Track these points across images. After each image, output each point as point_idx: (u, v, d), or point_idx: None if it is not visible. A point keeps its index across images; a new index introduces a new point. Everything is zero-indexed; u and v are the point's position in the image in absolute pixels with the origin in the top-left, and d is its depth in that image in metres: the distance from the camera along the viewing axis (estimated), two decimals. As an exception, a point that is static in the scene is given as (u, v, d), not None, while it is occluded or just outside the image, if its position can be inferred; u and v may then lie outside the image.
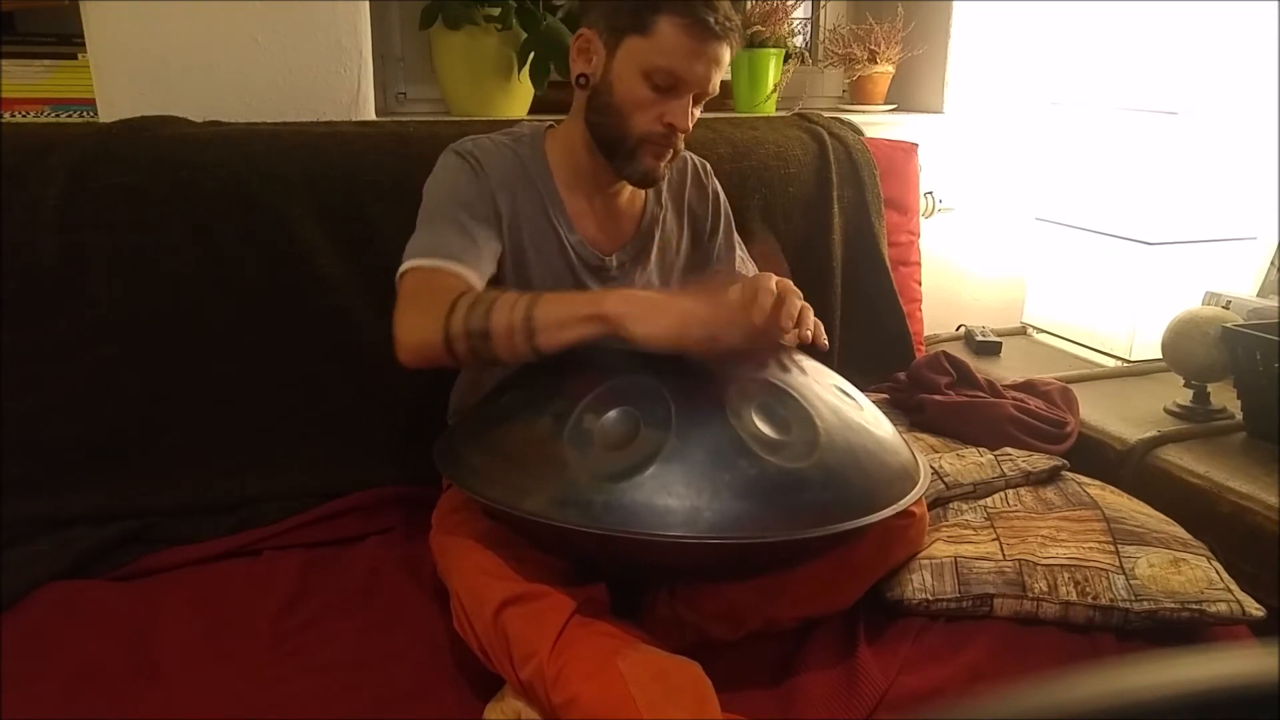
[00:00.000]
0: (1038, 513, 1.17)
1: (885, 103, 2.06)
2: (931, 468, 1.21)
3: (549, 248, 1.17)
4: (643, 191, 1.24)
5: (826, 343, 1.01)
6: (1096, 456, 1.46)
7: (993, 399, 1.46)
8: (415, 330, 1.00)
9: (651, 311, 0.90)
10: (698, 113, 1.12)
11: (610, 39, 1.08)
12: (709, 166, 1.34)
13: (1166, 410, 1.57)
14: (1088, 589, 1.02)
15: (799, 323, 0.94)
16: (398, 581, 1.15)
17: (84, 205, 1.22)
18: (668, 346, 0.89)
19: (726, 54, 1.08)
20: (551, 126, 1.22)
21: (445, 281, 1.03)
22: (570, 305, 0.94)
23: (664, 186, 1.26)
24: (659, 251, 1.26)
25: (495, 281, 1.12)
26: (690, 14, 1.03)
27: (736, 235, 1.37)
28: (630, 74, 1.07)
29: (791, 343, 0.97)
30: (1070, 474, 1.28)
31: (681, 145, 1.13)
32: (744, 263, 1.35)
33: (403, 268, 1.06)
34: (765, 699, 0.95)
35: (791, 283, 0.98)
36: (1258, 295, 1.92)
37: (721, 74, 1.09)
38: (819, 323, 0.99)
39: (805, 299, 1.25)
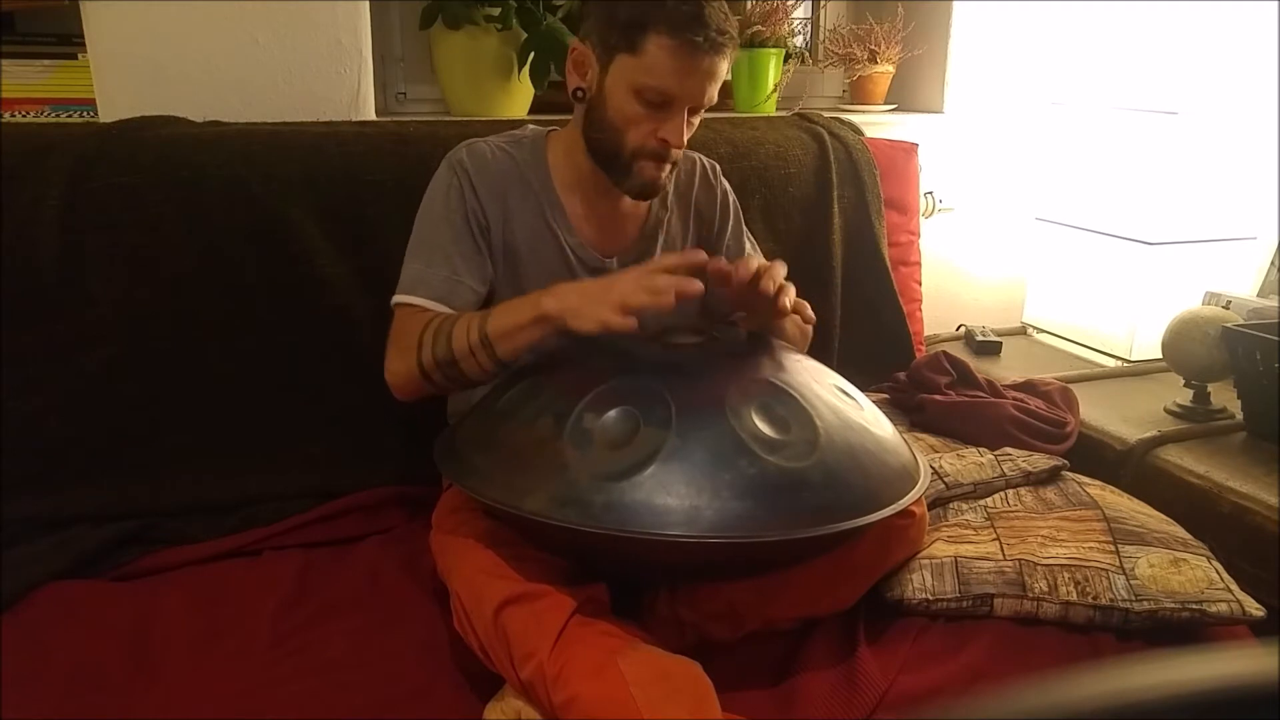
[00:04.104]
0: (1038, 513, 1.17)
1: (885, 103, 2.06)
2: (931, 468, 1.21)
3: (546, 250, 1.18)
4: None
5: (812, 315, 1.08)
6: (1096, 456, 1.46)
7: (993, 399, 1.46)
8: (397, 372, 1.09)
9: (582, 302, 0.96)
10: (696, 122, 1.12)
11: (603, 55, 1.07)
12: (718, 167, 1.34)
13: (1166, 410, 1.57)
14: (1088, 589, 1.02)
15: (779, 293, 0.99)
16: (398, 581, 1.15)
17: (84, 205, 1.22)
18: (603, 332, 0.95)
19: (722, 65, 1.07)
20: (554, 130, 1.22)
21: (420, 320, 1.09)
22: (516, 313, 1.01)
23: (669, 188, 1.26)
24: (663, 254, 1.26)
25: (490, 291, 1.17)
26: (678, 34, 1.02)
27: (748, 233, 1.37)
28: (622, 91, 1.06)
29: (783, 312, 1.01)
30: (1070, 474, 1.28)
31: (679, 156, 1.13)
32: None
33: (393, 299, 1.13)
34: (765, 699, 0.95)
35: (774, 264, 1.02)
36: (1258, 295, 1.92)
37: (719, 84, 1.09)
38: (801, 301, 1.05)
39: (805, 299, 1.27)
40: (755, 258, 1.02)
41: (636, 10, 1.03)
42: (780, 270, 1.00)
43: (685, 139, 1.10)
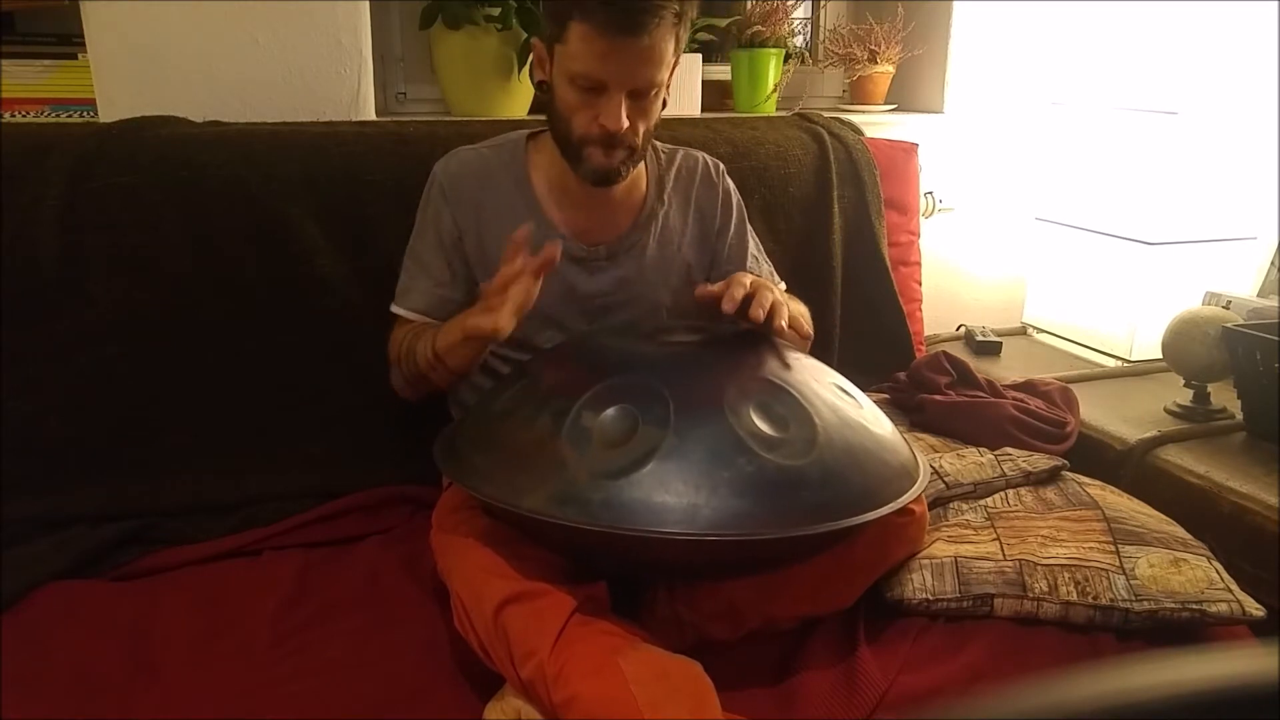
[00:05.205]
0: (1038, 513, 1.17)
1: (885, 103, 2.06)
2: (931, 467, 1.21)
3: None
4: (642, 186, 1.26)
5: (809, 331, 1.19)
6: (1096, 456, 1.46)
7: (993, 399, 1.46)
8: (394, 383, 1.25)
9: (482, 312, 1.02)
10: (654, 109, 1.12)
11: (548, 47, 1.10)
12: (722, 166, 1.34)
13: (1166, 410, 1.57)
14: (1088, 589, 1.02)
15: (771, 314, 1.01)
16: (398, 581, 1.15)
17: (84, 205, 1.22)
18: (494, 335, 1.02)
19: (654, 45, 1.04)
20: (544, 131, 1.23)
21: (405, 332, 1.19)
22: (450, 332, 1.09)
23: (669, 183, 1.28)
24: (658, 246, 1.26)
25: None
26: (592, 18, 1.02)
27: (752, 233, 1.37)
28: (562, 80, 1.09)
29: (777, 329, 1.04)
30: (1070, 474, 1.28)
31: (638, 141, 1.12)
32: (757, 261, 1.35)
33: (391, 308, 1.23)
34: (765, 699, 0.95)
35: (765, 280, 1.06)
36: (1258, 295, 1.92)
37: (657, 66, 1.07)
38: (797, 316, 1.11)
39: (805, 299, 1.27)
40: (745, 279, 1.03)
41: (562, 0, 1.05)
42: (767, 297, 1.01)
43: (627, 123, 1.08)
